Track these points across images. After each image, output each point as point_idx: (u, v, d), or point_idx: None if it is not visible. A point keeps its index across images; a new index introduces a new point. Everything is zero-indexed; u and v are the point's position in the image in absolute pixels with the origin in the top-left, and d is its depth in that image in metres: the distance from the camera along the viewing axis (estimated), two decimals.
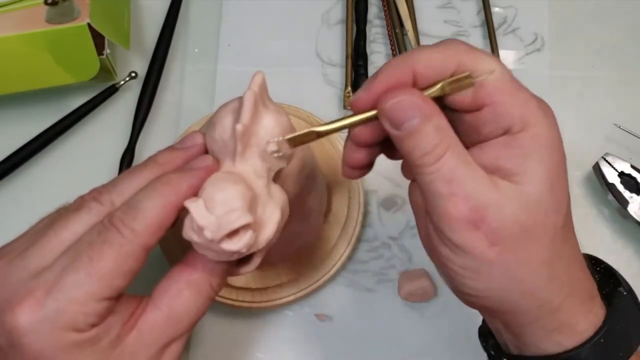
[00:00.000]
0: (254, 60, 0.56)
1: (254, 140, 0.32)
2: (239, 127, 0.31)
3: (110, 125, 0.53)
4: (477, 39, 0.57)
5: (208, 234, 0.30)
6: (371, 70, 0.54)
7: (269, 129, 0.33)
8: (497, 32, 0.56)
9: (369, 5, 0.56)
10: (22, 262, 0.31)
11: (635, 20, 0.58)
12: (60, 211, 0.34)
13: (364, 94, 0.32)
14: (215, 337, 0.48)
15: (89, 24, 0.48)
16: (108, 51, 0.51)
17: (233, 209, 0.30)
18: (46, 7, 0.48)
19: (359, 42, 0.55)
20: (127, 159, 0.51)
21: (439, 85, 0.31)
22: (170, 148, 0.35)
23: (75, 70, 0.50)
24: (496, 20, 0.57)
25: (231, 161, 0.32)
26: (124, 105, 0.54)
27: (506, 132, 0.31)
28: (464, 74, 0.31)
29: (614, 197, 0.50)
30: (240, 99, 0.33)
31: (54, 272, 0.30)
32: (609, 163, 0.50)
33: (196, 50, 0.56)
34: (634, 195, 0.50)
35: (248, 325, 0.48)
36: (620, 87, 0.56)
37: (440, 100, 0.32)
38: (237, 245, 0.30)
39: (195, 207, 0.30)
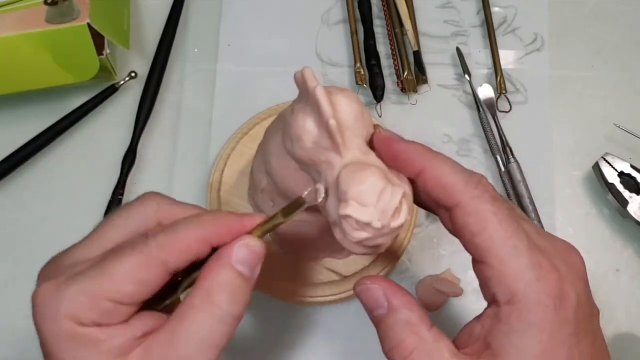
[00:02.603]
0: (254, 60, 0.56)
1: (344, 125, 0.33)
2: (332, 122, 0.31)
3: (110, 125, 0.53)
4: (477, 39, 0.57)
5: (377, 224, 0.30)
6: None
7: (347, 109, 0.33)
8: (497, 32, 0.56)
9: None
10: (72, 251, 0.32)
11: (635, 20, 0.58)
12: (123, 207, 0.34)
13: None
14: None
15: (89, 24, 0.48)
16: (108, 51, 0.51)
17: (383, 190, 0.30)
18: (46, 7, 0.48)
19: (368, 41, 0.55)
20: (129, 159, 0.51)
21: (278, 217, 0.33)
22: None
23: (75, 70, 0.50)
24: (496, 20, 0.57)
25: (338, 155, 0.32)
26: (123, 106, 0.54)
27: (493, 300, 0.30)
28: (295, 200, 0.33)
29: (614, 197, 0.50)
30: (292, 106, 0.34)
31: (85, 265, 0.31)
32: (609, 163, 0.50)
33: (196, 50, 0.56)
34: (633, 195, 0.50)
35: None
36: (620, 87, 0.56)
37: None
38: (403, 216, 0.31)
39: (354, 209, 0.30)
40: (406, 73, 0.54)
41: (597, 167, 0.51)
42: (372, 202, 0.30)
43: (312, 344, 0.48)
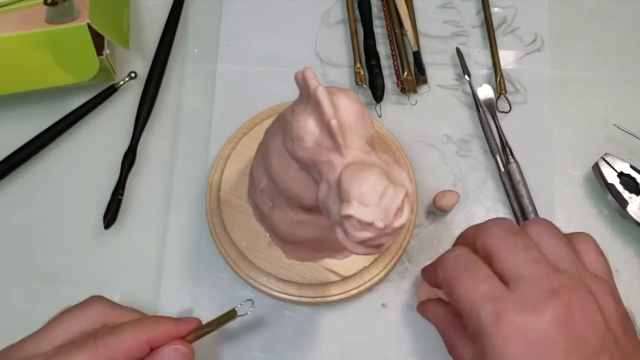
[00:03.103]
0: (254, 60, 0.56)
1: (346, 125, 0.33)
2: (334, 122, 0.32)
3: (110, 125, 0.53)
4: (476, 39, 0.57)
5: (380, 224, 0.30)
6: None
7: (348, 109, 0.33)
8: (496, 32, 0.56)
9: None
10: (23, 345, 0.37)
11: (635, 20, 0.58)
12: (68, 308, 0.39)
13: None
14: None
15: (88, 24, 0.48)
16: (108, 51, 0.51)
17: (385, 190, 0.31)
18: (46, 7, 0.48)
19: (368, 41, 0.55)
20: (129, 159, 0.51)
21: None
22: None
23: (75, 70, 0.50)
24: (496, 20, 0.57)
25: (338, 155, 0.33)
26: (123, 106, 0.54)
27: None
28: (228, 311, 0.40)
29: (614, 197, 0.50)
30: (293, 106, 0.34)
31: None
32: (608, 163, 0.50)
33: (196, 50, 0.56)
34: (633, 195, 0.50)
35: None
36: (620, 87, 0.56)
37: None
38: (405, 215, 0.31)
39: (356, 210, 0.30)
40: (406, 73, 0.54)
41: (596, 167, 0.51)
42: (374, 201, 0.30)
43: (312, 344, 0.48)
